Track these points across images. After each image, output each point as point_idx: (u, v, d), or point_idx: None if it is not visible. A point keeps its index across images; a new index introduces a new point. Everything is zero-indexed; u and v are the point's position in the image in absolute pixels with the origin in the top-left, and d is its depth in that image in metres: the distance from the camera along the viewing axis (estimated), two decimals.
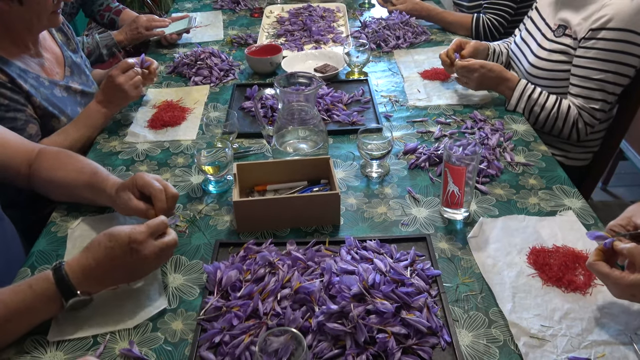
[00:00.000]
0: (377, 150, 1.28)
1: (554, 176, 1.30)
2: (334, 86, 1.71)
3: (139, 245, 0.93)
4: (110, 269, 0.94)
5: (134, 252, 0.93)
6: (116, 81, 1.44)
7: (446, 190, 1.14)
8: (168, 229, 1.00)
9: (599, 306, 0.97)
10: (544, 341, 0.90)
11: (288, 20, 2.28)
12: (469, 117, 1.55)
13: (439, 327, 0.91)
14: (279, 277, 0.97)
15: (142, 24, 2.04)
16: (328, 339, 0.88)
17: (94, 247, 0.94)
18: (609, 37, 1.43)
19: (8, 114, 1.33)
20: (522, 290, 1.00)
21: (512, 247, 1.10)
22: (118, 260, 0.93)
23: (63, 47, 1.58)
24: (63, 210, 1.23)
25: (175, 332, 0.94)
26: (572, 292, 1.00)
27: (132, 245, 0.93)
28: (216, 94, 1.73)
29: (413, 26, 2.10)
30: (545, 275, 1.03)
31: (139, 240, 0.93)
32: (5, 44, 1.39)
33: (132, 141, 1.49)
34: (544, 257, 1.06)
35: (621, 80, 1.47)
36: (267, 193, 1.23)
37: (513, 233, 1.13)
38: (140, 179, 1.08)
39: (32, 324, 0.92)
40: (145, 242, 0.94)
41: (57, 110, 1.44)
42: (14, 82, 1.34)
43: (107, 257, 0.93)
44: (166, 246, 0.97)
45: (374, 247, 1.06)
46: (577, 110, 1.52)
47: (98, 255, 0.93)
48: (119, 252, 0.93)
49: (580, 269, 1.04)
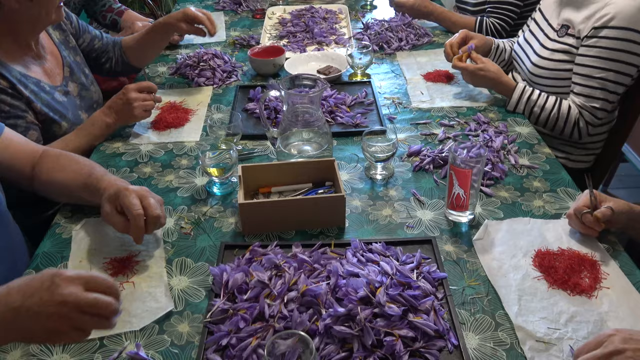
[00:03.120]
0: (381, 152, 1.28)
1: (558, 179, 1.30)
2: (337, 88, 1.71)
3: (59, 282, 0.74)
4: (15, 315, 0.74)
5: (52, 286, 0.74)
6: (129, 95, 1.44)
7: (451, 192, 1.14)
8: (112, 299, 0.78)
9: (605, 309, 0.97)
10: (550, 345, 0.91)
11: (290, 21, 2.28)
12: (473, 119, 1.55)
13: (446, 330, 0.91)
14: (286, 280, 0.97)
15: (136, 31, 2.04)
16: (335, 341, 0.88)
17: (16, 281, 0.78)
18: (611, 35, 1.43)
19: (8, 120, 1.32)
20: (527, 293, 1.00)
21: (517, 250, 1.10)
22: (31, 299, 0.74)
23: (60, 46, 1.57)
24: (67, 211, 1.23)
25: (182, 335, 0.94)
26: (578, 295, 1.00)
27: (55, 278, 0.75)
28: (219, 96, 1.73)
29: (415, 28, 2.10)
30: (550, 278, 1.03)
31: (62, 277, 0.75)
32: (7, 44, 1.38)
33: (135, 142, 1.48)
34: (549, 259, 1.07)
35: (623, 80, 1.48)
36: (272, 195, 1.23)
37: (518, 236, 1.13)
38: (123, 199, 1.04)
39: None
40: (70, 281, 0.75)
41: (58, 115, 1.43)
42: (15, 87, 1.34)
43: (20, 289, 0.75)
44: (90, 306, 0.75)
45: (379, 250, 1.06)
46: (577, 110, 1.52)
47: (13, 285, 0.77)
48: (36, 282, 0.75)
49: (586, 271, 1.04)
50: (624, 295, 0.99)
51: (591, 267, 1.05)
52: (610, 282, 1.02)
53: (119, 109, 1.45)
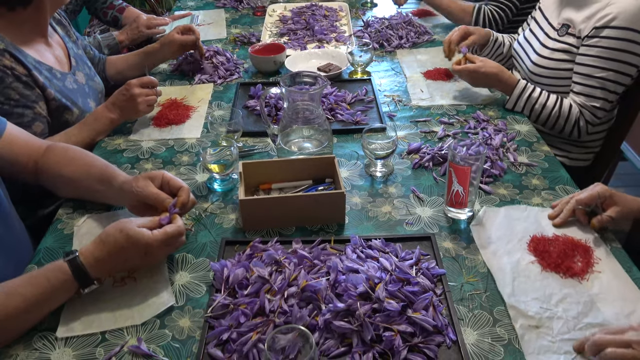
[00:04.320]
0: (381, 149, 1.28)
1: (556, 177, 1.31)
2: (337, 85, 1.71)
3: (153, 251, 0.99)
4: (121, 262, 0.99)
5: (147, 256, 0.99)
6: (132, 91, 1.45)
7: (450, 190, 1.14)
8: (180, 228, 1.03)
9: (595, 292, 1.00)
10: (541, 322, 0.94)
11: (291, 19, 2.28)
12: (472, 117, 1.55)
13: (445, 325, 0.92)
14: (286, 275, 0.98)
15: (142, 23, 2.05)
16: (335, 336, 0.89)
17: (109, 243, 0.97)
18: (612, 35, 1.43)
19: (16, 109, 1.32)
20: (522, 275, 1.04)
21: (513, 235, 1.13)
22: (130, 260, 1.00)
23: (65, 38, 1.58)
24: (69, 207, 1.24)
25: (183, 330, 0.95)
26: (570, 277, 1.03)
27: (147, 250, 0.98)
28: (220, 93, 1.73)
29: (415, 26, 2.11)
30: (544, 262, 1.07)
31: (154, 247, 0.98)
32: (25, 31, 1.39)
33: (136, 139, 1.49)
34: (544, 245, 1.10)
35: (623, 80, 1.48)
36: (272, 192, 1.24)
37: (515, 222, 1.17)
38: (167, 175, 1.11)
39: (49, 312, 0.96)
40: (159, 248, 0.99)
41: (70, 102, 1.44)
42: (31, 74, 1.34)
43: (120, 255, 0.97)
44: (175, 248, 1.05)
45: (379, 246, 1.06)
46: (578, 109, 1.53)
47: (112, 251, 0.97)
48: (132, 253, 0.98)
49: (578, 256, 1.07)
50: (615, 279, 1.03)
51: (584, 252, 1.08)
52: (602, 266, 1.06)
53: (123, 105, 1.45)
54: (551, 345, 0.90)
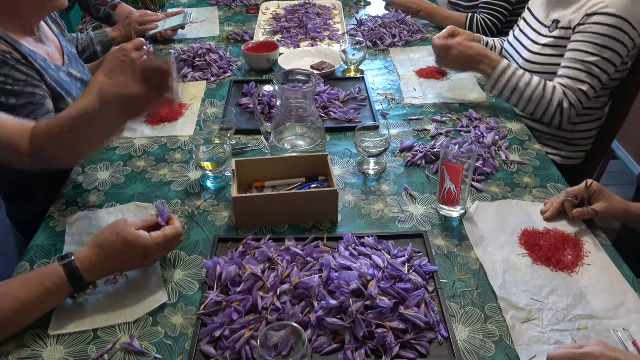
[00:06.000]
0: (374, 147, 1.29)
1: (548, 175, 1.32)
2: (330, 84, 1.71)
3: (151, 254, 0.99)
4: (118, 266, 1.00)
5: (145, 259, 1.00)
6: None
7: (443, 187, 1.15)
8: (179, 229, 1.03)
9: (584, 284, 1.02)
10: (531, 314, 0.95)
11: (284, 17, 2.28)
12: (465, 115, 1.56)
13: (437, 322, 0.93)
14: (279, 273, 0.98)
15: (135, 20, 2.04)
16: (327, 333, 0.90)
17: (106, 247, 0.97)
18: (602, 21, 1.45)
19: (27, 88, 1.30)
20: (512, 268, 1.05)
21: (505, 229, 1.15)
22: (128, 264, 1.01)
23: (59, 36, 1.57)
24: (61, 205, 1.24)
25: (176, 327, 0.95)
26: (560, 271, 1.05)
27: (145, 253, 0.99)
28: (213, 90, 1.73)
29: (409, 24, 2.11)
30: (535, 255, 1.08)
31: (153, 250, 0.99)
32: (14, 27, 1.37)
33: (129, 136, 1.49)
34: (535, 238, 1.12)
35: (607, 67, 1.48)
36: (265, 189, 1.24)
37: (507, 216, 1.18)
38: (147, 63, 1.00)
39: (42, 314, 0.95)
40: (158, 251, 1.01)
41: (65, 92, 1.42)
42: (27, 59, 1.33)
43: (118, 259, 0.98)
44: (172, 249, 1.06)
45: (372, 244, 1.07)
46: (562, 90, 1.51)
47: (109, 256, 0.97)
48: (130, 257, 0.98)
49: (569, 249, 1.09)
50: (604, 272, 1.05)
51: (574, 245, 1.10)
52: (592, 259, 1.07)
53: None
54: (541, 336, 0.92)
